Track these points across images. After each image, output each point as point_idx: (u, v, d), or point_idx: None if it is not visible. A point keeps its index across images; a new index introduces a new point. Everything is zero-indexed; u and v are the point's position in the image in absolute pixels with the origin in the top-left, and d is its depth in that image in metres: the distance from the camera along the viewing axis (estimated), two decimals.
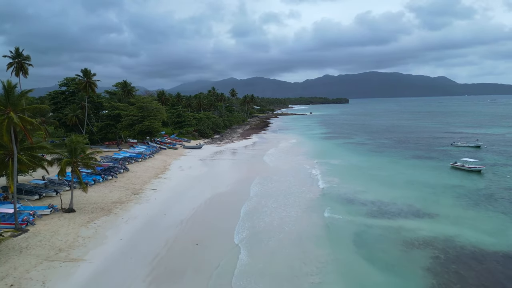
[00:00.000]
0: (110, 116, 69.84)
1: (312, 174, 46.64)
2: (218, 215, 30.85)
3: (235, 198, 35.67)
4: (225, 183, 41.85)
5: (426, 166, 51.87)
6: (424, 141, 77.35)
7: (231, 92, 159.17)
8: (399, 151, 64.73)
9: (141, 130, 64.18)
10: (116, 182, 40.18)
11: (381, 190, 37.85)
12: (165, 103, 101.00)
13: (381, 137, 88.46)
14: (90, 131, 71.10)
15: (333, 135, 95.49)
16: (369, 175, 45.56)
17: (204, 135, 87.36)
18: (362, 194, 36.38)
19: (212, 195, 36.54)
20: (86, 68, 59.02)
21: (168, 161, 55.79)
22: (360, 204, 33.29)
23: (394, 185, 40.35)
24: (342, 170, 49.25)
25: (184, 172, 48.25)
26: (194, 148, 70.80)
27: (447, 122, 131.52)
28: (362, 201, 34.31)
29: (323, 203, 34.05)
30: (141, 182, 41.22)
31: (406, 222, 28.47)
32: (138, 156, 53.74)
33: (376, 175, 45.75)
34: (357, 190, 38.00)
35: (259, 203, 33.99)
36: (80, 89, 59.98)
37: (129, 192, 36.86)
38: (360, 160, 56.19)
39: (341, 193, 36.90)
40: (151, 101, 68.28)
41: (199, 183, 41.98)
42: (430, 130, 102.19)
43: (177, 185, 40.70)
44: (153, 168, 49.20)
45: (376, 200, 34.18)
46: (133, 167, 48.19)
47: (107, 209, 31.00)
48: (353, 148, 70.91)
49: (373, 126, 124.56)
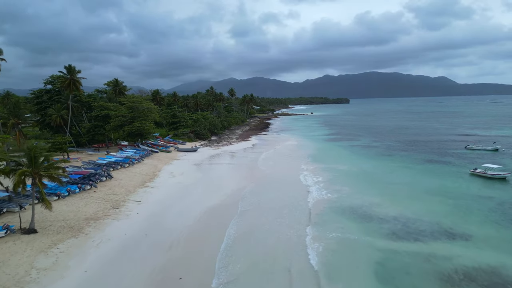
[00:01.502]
0: (98, 117, 64.86)
1: (317, 181, 41.63)
2: (203, 239, 25.78)
3: (227, 213, 30.65)
4: (219, 193, 36.83)
5: (443, 172, 46.90)
6: (435, 144, 72.37)
7: (230, 92, 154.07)
8: (410, 155, 59.75)
9: (131, 131, 59.17)
10: (95, 192, 35.20)
11: (401, 202, 32.87)
12: (159, 103, 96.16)
13: (387, 139, 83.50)
14: (77, 132, 66.28)
15: (336, 137, 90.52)
16: (383, 183, 40.57)
17: (201, 136, 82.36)
18: (379, 207, 31.36)
19: (202, 210, 31.44)
20: (70, 64, 54.04)
21: (159, 166, 50.81)
22: (379, 221, 28.24)
23: (414, 196, 35.33)
24: (351, 177, 44.25)
25: (175, 180, 43.28)
26: (189, 151, 65.83)
27: (454, 123, 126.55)
28: (380, 216, 29.27)
29: (332, 218, 29.10)
30: (124, 192, 36.23)
31: (438, 246, 23.46)
32: (125, 160, 48.75)
33: (391, 183, 40.77)
34: (372, 202, 33.01)
35: (251, 224, 28.71)
36: (63, 87, 54.83)
37: (108, 205, 31.88)
38: (370, 165, 51.20)
39: (353, 206, 31.87)
40: (142, 101, 63.23)
41: (191, 194, 37.00)
42: (438, 132, 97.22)
43: (165, 196, 35.72)
44: (141, 175, 44.20)
45: (397, 215, 29.16)
46: (118, 174, 43.23)
47: (77, 228, 26.02)
48: (360, 151, 65.93)
49: (378, 127, 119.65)
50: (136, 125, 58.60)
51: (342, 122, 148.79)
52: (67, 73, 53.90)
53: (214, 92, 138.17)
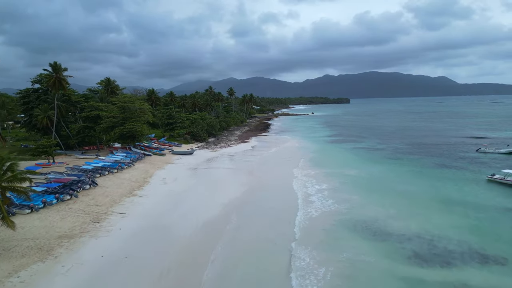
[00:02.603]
0: (88, 118, 61.16)
1: (321, 189, 37.96)
2: (194, 263, 22.18)
3: (219, 230, 27.03)
4: (214, 203, 33.05)
5: (458, 178, 43.24)
6: (443, 146, 68.69)
7: (229, 91, 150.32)
8: (419, 158, 56.10)
9: (122, 133, 55.45)
10: (76, 203, 31.51)
11: (420, 215, 29.20)
12: (155, 103, 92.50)
13: (392, 140, 79.87)
14: (67, 134, 62.65)
15: (339, 138, 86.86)
16: (397, 191, 36.86)
17: (198, 138, 78.63)
18: (397, 221, 27.68)
19: (194, 224, 27.74)
20: (55, 61, 50.33)
21: (151, 171, 47.13)
22: (398, 238, 24.44)
23: (433, 206, 31.62)
24: (359, 183, 40.56)
25: (167, 187, 39.59)
26: (184, 154, 62.14)
27: (458, 123, 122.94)
28: (400, 231, 25.48)
29: (341, 235, 25.43)
30: (108, 202, 32.54)
31: (471, 272, 19.78)
32: (114, 165, 45.05)
33: (405, 191, 37.06)
34: (388, 214, 29.36)
35: (245, 246, 25.26)
36: (49, 86, 51.08)
37: (88, 218, 28.21)
38: (378, 170, 47.52)
39: (366, 219, 28.15)
40: (134, 100, 59.49)
41: (183, 204, 33.29)
42: (445, 133, 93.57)
43: (154, 207, 32.04)
44: (130, 182, 40.50)
45: (419, 231, 25.39)
46: (104, 181, 39.54)
47: (46, 249, 22.35)
48: (365, 154, 62.27)
49: (380, 128, 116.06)
50: (127, 127, 54.88)
51: (343, 123, 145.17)
52: (53, 71, 50.20)
53: (213, 92, 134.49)
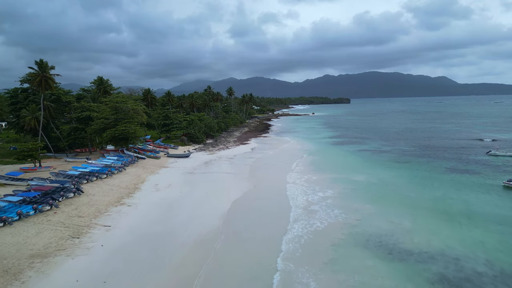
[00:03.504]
0: (79, 119, 58.22)
1: (327, 196, 35.02)
2: None
3: (213, 250, 24.09)
4: (207, 216, 30.03)
5: (472, 184, 40.28)
6: (452, 149, 65.67)
7: (229, 91, 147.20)
8: (428, 162, 53.12)
9: (114, 136, 52.45)
10: (56, 214, 28.52)
11: (440, 228, 26.27)
12: (151, 103, 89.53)
13: (398, 142, 76.92)
14: (57, 136, 59.68)
15: (343, 140, 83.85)
16: (410, 200, 33.87)
17: (195, 140, 75.60)
18: (415, 236, 24.68)
19: (185, 242, 24.77)
20: (41, 59, 47.27)
21: (143, 176, 44.14)
22: (420, 258, 21.47)
23: (452, 218, 28.60)
24: (368, 190, 37.54)
25: (159, 194, 36.59)
26: (180, 157, 59.16)
27: (463, 124, 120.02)
28: (420, 249, 22.53)
29: (352, 253, 22.45)
30: (93, 213, 29.55)
31: None
32: (103, 170, 42.05)
33: (419, 199, 34.06)
34: (404, 227, 26.40)
35: (233, 276, 22.33)
36: (34, 85, 48.08)
37: (68, 232, 25.22)
38: (388, 175, 44.50)
39: (381, 234, 25.16)
40: (127, 101, 56.45)
41: (174, 215, 30.28)
42: (450, 134, 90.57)
43: (143, 219, 29.05)
44: (119, 189, 37.50)
45: (442, 249, 22.47)
46: (91, 188, 36.55)
47: (13, 272, 19.38)
48: (371, 157, 59.28)
49: (384, 128, 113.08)
50: (119, 129, 51.85)
51: (345, 123, 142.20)
52: (39, 69, 47.20)
53: (212, 92, 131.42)
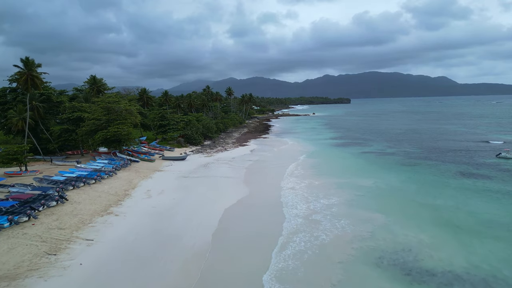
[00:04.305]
0: (70, 120, 55.57)
1: (331, 204, 32.36)
2: None
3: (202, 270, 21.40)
4: (201, 227, 27.40)
5: (487, 190, 37.57)
6: (459, 151, 62.94)
7: (228, 91, 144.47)
8: (437, 165, 50.43)
9: (106, 137, 49.76)
10: (34, 226, 25.82)
11: (461, 242, 23.59)
12: (147, 103, 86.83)
13: (402, 144, 74.25)
14: (47, 138, 57.05)
15: (345, 141, 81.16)
16: (423, 208, 31.10)
17: (192, 141, 72.90)
18: (434, 251, 21.98)
19: (174, 259, 22.10)
20: (27, 57, 44.59)
21: (135, 181, 41.44)
22: (444, 279, 18.86)
23: (471, 230, 25.85)
24: (378, 197, 34.81)
25: (151, 202, 33.90)
26: (175, 160, 56.47)
27: (467, 125, 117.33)
28: (443, 268, 19.82)
29: (367, 273, 19.76)
30: (75, 224, 26.87)
31: None
32: (92, 175, 39.33)
33: (433, 207, 31.32)
34: (422, 241, 23.68)
35: None
36: (20, 84, 45.38)
37: (44, 248, 22.53)
38: (396, 180, 41.78)
39: (396, 249, 22.43)
40: (119, 101, 53.74)
41: (165, 227, 27.55)
42: (455, 136, 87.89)
43: (130, 231, 26.35)
44: (107, 195, 34.81)
45: (468, 268, 19.81)
46: (77, 194, 33.86)
47: None
48: (376, 159, 56.60)
49: (387, 129, 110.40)
50: (111, 130, 49.16)
51: (346, 124, 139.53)
52: (24, 67, 44.51)
53: (210, 92, 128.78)
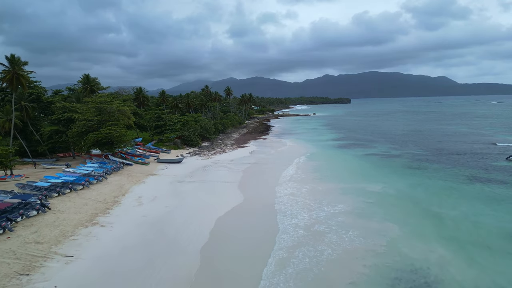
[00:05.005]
0: (61, 121, 53.06)
1: (337, 212, 29.88)
2: None
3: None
4: (189, 240, 24.90)
5: (500, 196, 35.04)
6: (467, 154, 60.33)
7: (226, 91, 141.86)
8: (445, 169, 47.92)
9: (97, 139, 47.24)
10: (10, 239, 23.30)
11: (486, 260, 21.02)
12: (144, 103, 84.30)
13: (407, 145, 71.75)
14: (38, 140, 54.54)
15: (347, 142, 78.60)
16: (437, 218, 28.48)
17: (189, 143, 70.36)
18: (457, 270, 19.48)
19: (162, 281, 19.62)
20: (13, 54, 42.07)
21: (126, 186, 38.89)
22: None
23: (490, 244, 23.25)
24: (389, 204, 32.22)
25: (141, 210, 31.34)
26: (171, 163, 53.94)
27: (471, 125, 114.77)
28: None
29: None
30: (55, 237, 24.33)
31: None
32: (80, 180, 36.79)
33: (447, 217, 28.73)
34: (442, 256, 21.18)
35: None
36: (4, 82, 42.84)
37: (16, 267, 19.99)
38: (405, 185, 39.16)
39: (414, 266, 19.89)
40: (112, 101, 51.19)
41: (151, 240, 24.98)
42: (460, 137, 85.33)
43: (115, 245, 23.80)
44: (95, 203, 32.26)
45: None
46: (62, 202, 31.34)
47: None
48: (381, 162, 54.06)
49: (389, 130, 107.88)
50: (103, 132, 46.63)
51: (348, 124, 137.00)
52: (9, 65, 41.97)
53: (209, 91, 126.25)
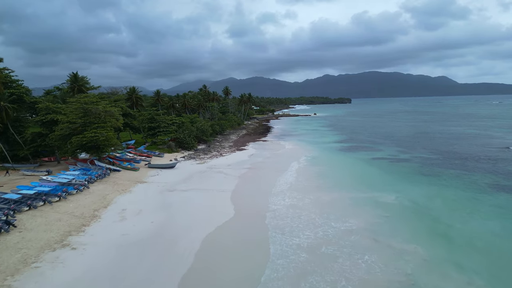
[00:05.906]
0: (44, 123, 49.07)
1: (348, 230, 25.93)
2: None
3: None
4: (170, 269, 20.89)
5: None
6: (481, 158, 56.09)
7: (225, 91, 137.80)
8: (461, 176, 43.88)
9: (82, 143, 43.23)
10: None
11: None
12: (137, 104, 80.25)
13: (415, 148, 67.72)
14: (17, 143, 50.55)
15: (352, 145, 74.57)
16: (461, 237, 24.49)
17: (185, 145, 66.33)
18: None
19: None
20: None
21: (110, 196, 34.84)
22: None
23: None
24: (407, 219, 28.15)
25: (123, 227, 27.28)
26: (163, 168, 49.93)
27: (478, 127, 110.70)
28: None
29: None
30: (14, 264, 20.30)
31: None
32: (57, 190, 32.74)
33: (472, 235, 24.74)
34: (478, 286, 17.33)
35: None
36: None
37: None
38: (421, 195, 34.94)
39: None
40: (98, 101, 47.15)
41: (129, 268, 20.96)
42: (471, 140, 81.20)
43: (84, 275, 19.73)
44: (71, 218, 28.22)
45: None
46: (32, 218, 27.29)
47: None
48: (391, 168, 49.96)
49: (394, 131, 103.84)
50: (87, 135, 42.60)
51: (350, 125, 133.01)
52: None
53: (207, 91, 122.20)
